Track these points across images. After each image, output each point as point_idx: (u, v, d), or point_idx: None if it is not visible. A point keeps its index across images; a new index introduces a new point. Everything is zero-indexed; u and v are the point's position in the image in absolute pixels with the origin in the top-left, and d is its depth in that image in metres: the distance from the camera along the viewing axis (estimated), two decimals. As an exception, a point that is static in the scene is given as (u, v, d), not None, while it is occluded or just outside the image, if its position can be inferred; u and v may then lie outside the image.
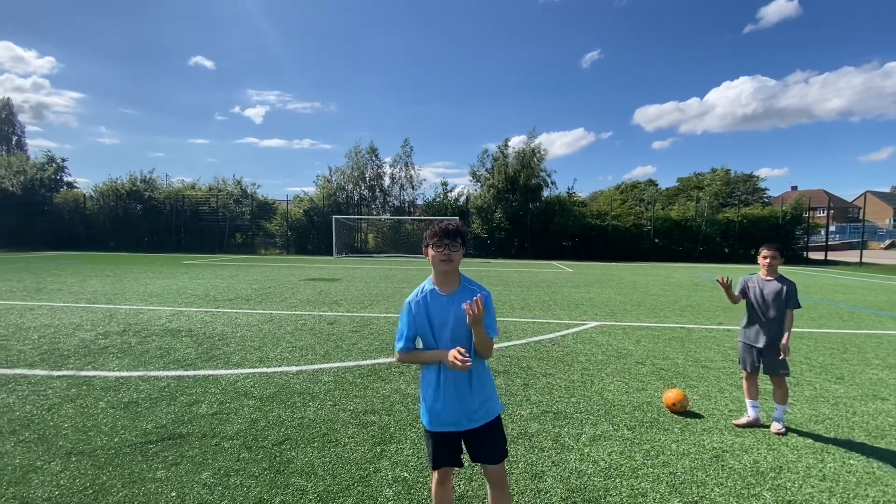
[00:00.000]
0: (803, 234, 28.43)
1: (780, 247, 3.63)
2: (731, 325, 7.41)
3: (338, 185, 32.00)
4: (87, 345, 5.46)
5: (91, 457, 2.83)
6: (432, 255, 1.91)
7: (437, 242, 1.89)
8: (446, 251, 1.89)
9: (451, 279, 1.97)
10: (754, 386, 3.59)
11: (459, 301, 1.90)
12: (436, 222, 1.99)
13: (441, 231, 1.89)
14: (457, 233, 1.90)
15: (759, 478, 2.75)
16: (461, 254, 1.93)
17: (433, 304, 1.95)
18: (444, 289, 1.95)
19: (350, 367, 4.75)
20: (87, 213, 30.85)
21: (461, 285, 1.97)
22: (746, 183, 41.97)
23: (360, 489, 2.54)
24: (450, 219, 2.07)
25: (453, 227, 1.91)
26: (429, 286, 1.99)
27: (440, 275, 1.96)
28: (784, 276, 3.55)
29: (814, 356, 5.50)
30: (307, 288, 11.27)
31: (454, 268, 1.94)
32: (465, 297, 1.91)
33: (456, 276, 1.97)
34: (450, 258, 1.89)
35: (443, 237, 1.88)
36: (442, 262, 1.90)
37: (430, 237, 1.92)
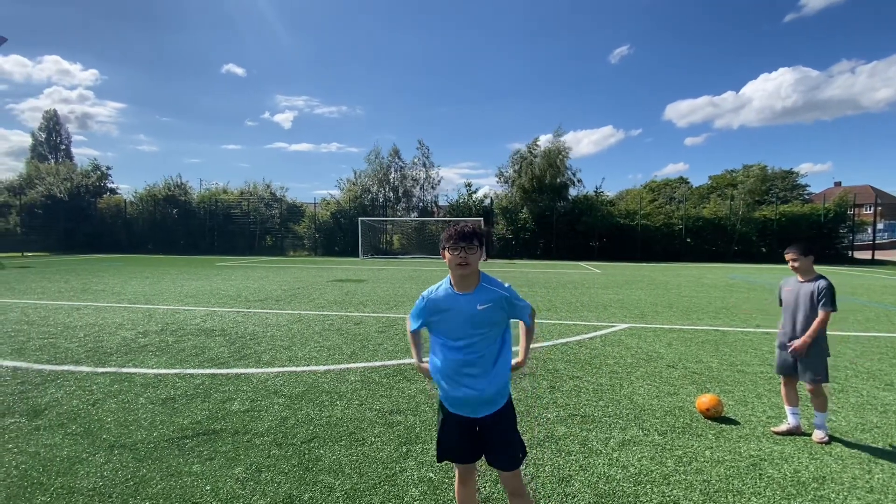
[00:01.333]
0: (848, 233, 27.02)
1: (802, 245, 3.32)
2: (768, 327, 7.11)
3: (363, 187, 32.45)
4: (129, 343, 5.72)
5: (132, 450, 2.96)
6: (449, 258, 1.89)
7: (452, 245, 1.87)
8: (462, 254, 1.85)
9: (469, 281, 1.93)
10: (792, 391, 3.40)
11: (476, 301, 1.89)
12: (452, 224, 1.96)
13: (457, 233, 1.86)
14: (473, 234, 1.87)
15: (800, 488, 2.62)
16: (479, 255, 1.90)
17: (446, 302, 1.93)
18: (462, 289, 1.94)
19: (376, 367, 4.81)
20: (127, 218, 32.38)
21: (479, 285, 1.94)
22: (785, 179, 40.19)
23: (387, 488, 2.56)
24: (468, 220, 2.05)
25: (469, 228, 1.88)
26: (445, 284, 1.98)
27: (457, 277, 1.93)
28: (822, 276, 3.29)
29: (860, 361, 5.21)
30: (334, 289, 11.47)
31: (471, 271, 1.90)
32: (483, 297, 1.91)
33: (474, 277, 1.94)
34: (466, 261, 1.86)
35: (458, 239, 1.86)
36: (458, 266, 1.87)
37: (446, 239, 1.90)
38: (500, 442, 1.95)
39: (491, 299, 1.91)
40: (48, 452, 2.91)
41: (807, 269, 3.33)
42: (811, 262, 3.34)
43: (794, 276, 3.45)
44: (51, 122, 50.23)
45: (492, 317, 1.91)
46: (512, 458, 1.96)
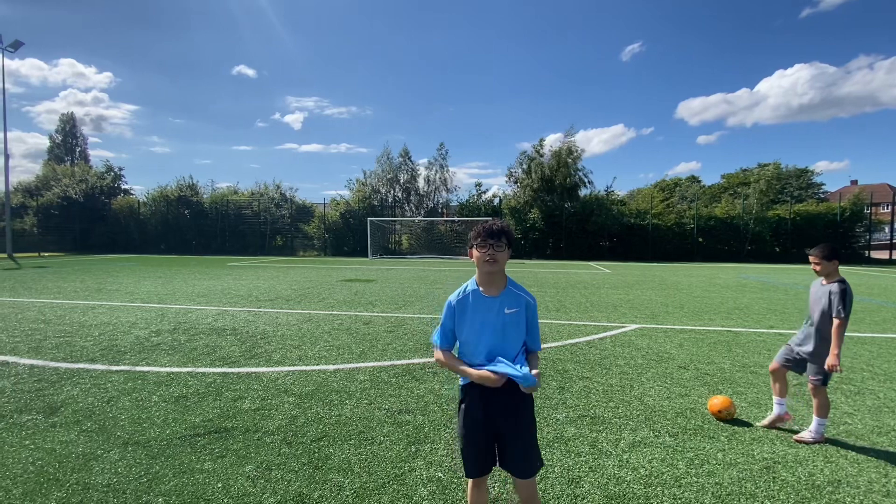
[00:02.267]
0: (864, 232, 26.49)
1: (823, 249, 3.23)
2: (782, 328, 7.00)
3: (372, 188, 32.59)
4: (142, 342, 5.81)
5: (145, 447, 3.00)
6: (476, 256, 1.87)
7: (481, 242, 1.85)
8: (490, 251, 1.84)
9: (496, 280, 1.91)
10: (779, 382, 3.42)
11: (504, 304, 1.88)
12: (480, 222, 1.94)
13: (485, 231, 1.85)
14: (501, 232, 1.85)
15: (815, 492, 2.58)
16: (507, 254, 1.88)
17: (476, 305, 1.91)
18: (489, 290, 1.91)
19: (385, 367, 4.82)
20: (140, 218, 32.88)
21: (506, 288, 1.92)
22: (800, 178, 39.54)
23: (396, 487, 2.57)
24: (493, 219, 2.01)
25: (498, 226, 1.86)
26: (472, 286, 1.95)
27: (484, 276, 1.91)
28: (840, 280, 3.20)
29: (877, 363, 5.11)
30: (344, 289, 11.53)
31: (499, 269, 1.88)
32: (510, 301, 1.90)
33: (501, 277, 1.92)
34: (494, 258, 1.84)
35: (487, 237, 1.84)
36: (486, 263, 1.85)
37: (475, 237, 1.88)
38: (520, 449, 1.92)
39: (518, 304, 1.90)
40: (64, 449, 2.97)
41: (830, 273, 3.26)
42: (835, 266, 3.24)
43: (821, 278, 3.37)
44: (67, 125, 51.18)
45: (517, 322, 1.90)
46: (531, 466, 1.93)
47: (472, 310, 1.91)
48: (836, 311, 3.10)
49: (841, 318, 3.09)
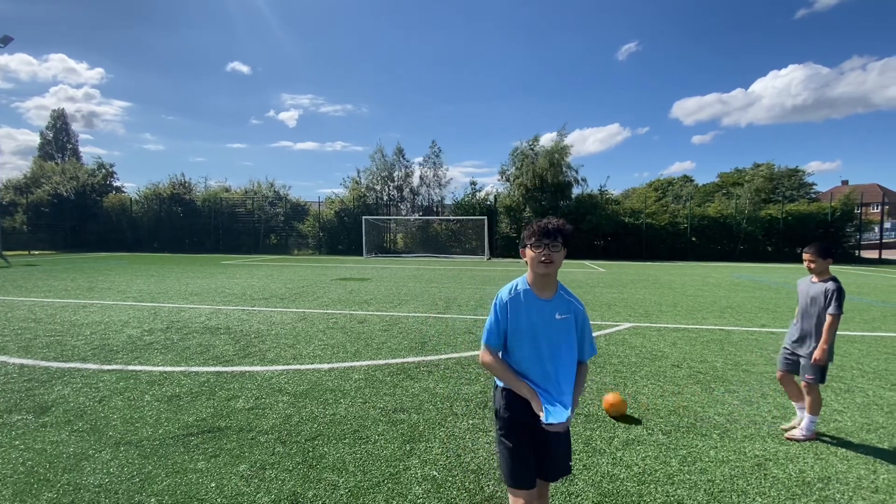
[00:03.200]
0: (854, 232, 26.78)
1: (818, 246, 3.29)
2: (774, 327, 7.07)
3: (367, 186, 32.50)
4: (134, 341, 5.76)
5: (138, 447, 2.98)
6: (531, 256, 1.77)
7: (536, 242, 1.76)
8: (547, 251, 1.74)
9: (550, 283, 1.82)
10: (791, 387, 3.42)
11: (556, 309, 1.79)
12: (534, 220, 1.84)
13: (540, 230, 1.75)
14: (558, 231, 1.75)
15: (805, 488, 2.61)
16: (563, 255, 1.78)
17: (529, 306, 1.80)
18: (541, 293, 1.81)
19: (380, 366, 4.82)
20: (132, 216, 32.56)
21: (558, 292, 1.83)
22: (791, 178, 39.86)
23: (390, 486, 2.57)
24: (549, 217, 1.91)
25: (553, 225, 1.76)
26: (523, 286, 1.84)
27: (538, 277, 1.81)
28: (834, 278, 3.26)
29: (866, 361, 5.17)
30: (338, 287, 11.50)
31: (555, 269, 1.79)
32: (562, 306, 1.81)
33: (554, 281, 1.83)
34: (550, 259, 1.75)
35: (542, 236, 1.74)
36: (542, 264, 1.75)
37: (529, 237, 1.79)
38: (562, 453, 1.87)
39: (570, 311, 1.82)
40: (55, 449, 2.94)
41: (822, 271, 3.30)
42: (828, 264, 3.30)
43: (810, 276, 3.41)
44: (58, 122, 50.61)
45: (568, 329, 1.81)
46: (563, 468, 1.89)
47: (525, 311, 1.80)
48: (831, 307, 3.14)
49: (834, 315, 3.13)
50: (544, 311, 1.79)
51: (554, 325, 1.78)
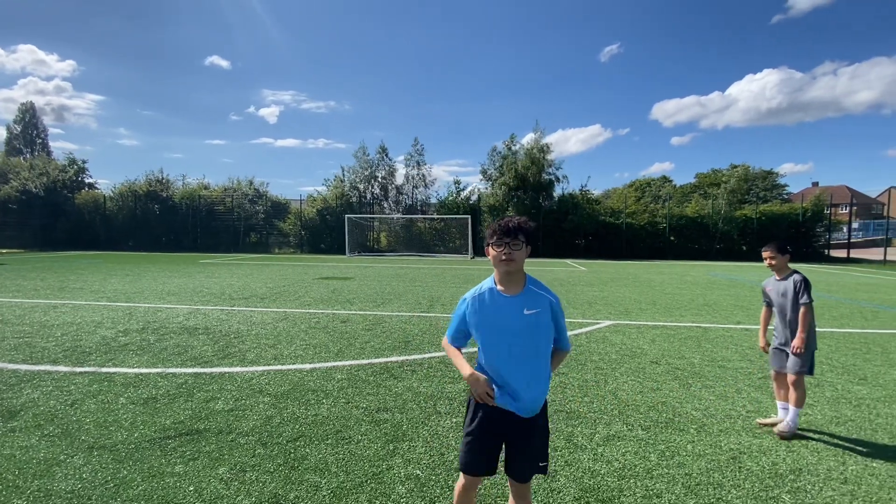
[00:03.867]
0: (824, 232, 27.75)
1: (776, 244, 3.43)
2: (749, 324, 7.28)
3: (350, 184, 32.21)
4: (108, 342, 5.59)
5: (112, 451, 2.90)
6: (493, 255, 1.80)
7: (497, 240, 1.78)
8: (507, 249, 1.76)
9: (515, 280, 1.84)
10: (783, 387, 3.47)
11: (523, 305, 1.81)
12: (497, 219, 1.87)
13: (501, 228, 1.78)
14: (518, 229, 1.77)
15: (778, 480, 2.70)
16: (525, 253, 1.80)
17: (493, 304, 1.84)
18: (507, 289, 1.84)
19: (363, 365, 4.79)
20: (106, 214, 31.60)
21: (526, 286, 1.84)
22: (765, 179, 41.10)
23: (374, 486, 2.56)
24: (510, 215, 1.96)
25: (514, 223, 1.79)
26: (489, 284, 1.88)
27: (502, 275, 1.84)
28: (796, 272, 3.40)
29: (835, 356, 5.37)
30: (320, 286, 11.38)
31: (517, 268, 1.81)
32: (530, 300, 1.82)
33: (520, 276, 1.85)
34: (511, 257, 1.77)
35: (503, 234, 1.77)
36: (503, 262, 1.78)
37: (490, 235, 1.81)
38: (529, 455, 1.87)
39: (539, 304, 1.82)
40: (24, 455, 2.83)
41: (782, 267, 3.45)
42: (787, 260, 3.44)
43: (773, 276, 3.54)
44: (27, 115, 48.66)
45: (539, 323, 1.82)
46: (534, 471, 1.89)
47: (491, 310, 1.83)
48: (803, 298, 3.26)
49: (807, 305, 3.25)
50: (511, 308, 1.81)
51: (522, 320, 1.80)
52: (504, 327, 1.81)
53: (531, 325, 1.81)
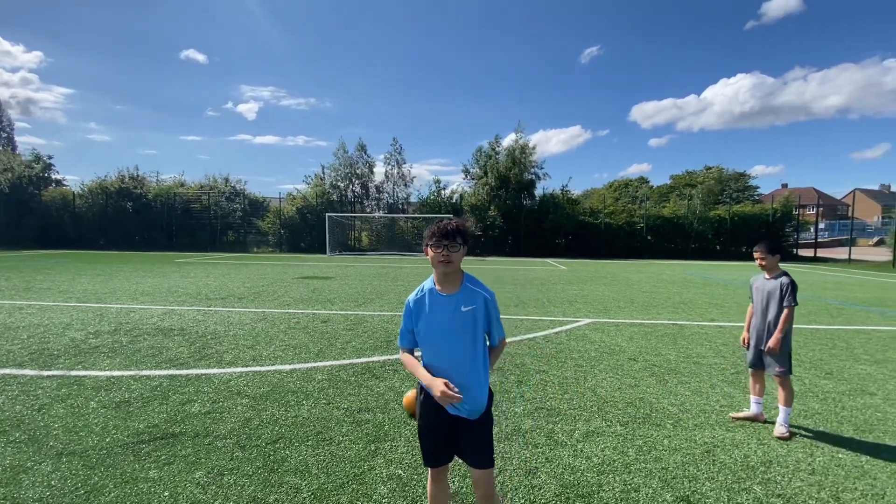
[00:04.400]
0: (793, 232, 28.77)
1: (767, 244, 3.50)
2: (722, 321, 7.49)
3: (331, 182, 31.84)
4: (78, 344, 5.40)
5: (82, 457, 2.80)
6: (431, 256, 1.87)
7: (435, 242, 1.85)
8: (445, 251, 1.83)
9: (453, 279, 1.92)
10: (758, 382, 3.57)
11: (460, 302, 1.88)
12: (436, 221, 1.94)
13: (440, 231, 1.84)
14: (456, 232, 1.85)
15: (750, 472, 2.79)
16: (462, 254, 1.88)
17: (433, 304, 1.91)
18: (445, 289, 1.91)
19: (344, 366, 4.75)
20: (76, 211, 30.47)
21: (463, 285, 1.92)
22: (738, 181, 42.36)
23: (355, 487, 2.54)
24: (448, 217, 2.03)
25: (453, 226, 1.86)
26: (429, 285, 1.95)
27: (440, 275, 1.92)
28: (785, 273, 3.47)
29: (803, 352, 5.57)
30: (300, 286, 11.23)
31: (454, 268, 1.89)
32: (467, 298, 1.90)
33: (458, 276, 1.93)
34: (449, 258, 1.84)
35: (441, 237, 1.83)
36: (441, 263, 1.85)
37: (430, 237, 1.88)
38: (477, 440, 1.94)
39: (475, 301, 1.90)
40: (-13, 462, 2.71)
41: (772, 267, 3.50)
42: (777, 260, 3.50)
43: (762, 274, 3.59)
44: (-12, 108, 46.47)
45: (475, 320, 1.90)
46: (487, 457, 1.94)
47: (430, 309, 1.91)
48: (787, 300, 3.33)
49: (790, 307, 3.34)
50: (449, 306, 1.89)
51: (459, 317, 1.87)
52: (443, 325, 1.89)
53: (468, 322, 1.88)
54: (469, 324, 1.89)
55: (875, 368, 4.97)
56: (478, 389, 1.90)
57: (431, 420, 1.95)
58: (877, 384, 4.46)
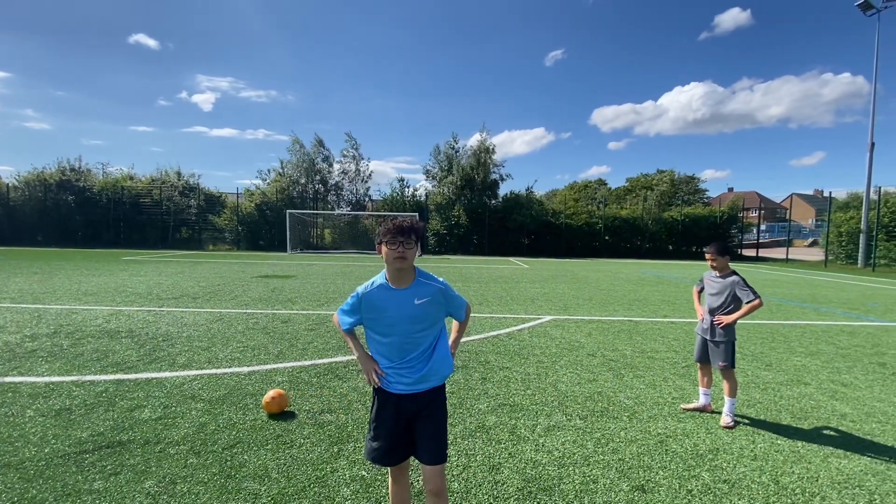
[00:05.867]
0: (738, 233, 30.62)
1: (717, 246, 3.68)
2: (675, 317, 7.86)
3: (291, 178, 30.94)
4: (12, 348, 5.00)
5: (18, 469, 2.60)
6: (386, 253, 1.89)
7: (390, 240, 1.87)
8: (400, 248, 1.86)
9: (405, 275, 1.95)
10: (706, 375, 3.76)
11: (413, 296, 1.93)
12: (389, 219, 1.97)
13: (395, 228, 1.87)
14: (411, 230, 1.88)
15: (699, 460, 2.95)
16: (415, 251, 1.92)
17: (382, 298, 1.94)
18: (398, 284, 1.95)
19: (305, 367, 4.64)
20: (10, 205, 28.15)
21: (416, 279, 1.96)
22: (689, 184, 44.60)
23: (317, 490, 2.49)
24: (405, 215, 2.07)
25: (407, 224, 1.89)
26: (380, 280, 1.98)
27: (393, 271, 1.94)
28: (735, 272, 3.66)
29: (746, 346, 5.94)
30: (259, 285, 10.87)
31: (408, 265, 1.92)
32: (420, 292, 1.94)
33: (410, 272, 1.96)
34: (403, 255, 1.87)
35: (396, 234, 1.86)
36: (396, 260, 1.87)
37: (384, 234, 1.90)
38: (431, 433, 1.97)
39: (428, 293, 1.95)
40: None
41: (723, 267, 3.70)
42: (727, 260, 3.70)
43: (713, 272, 3.78)
44: None
45: (429, 311, 1.95)
46: (440, 452, 1.97)
47: (383, 304, 1.94)
48: (749, 296, 3.49)
49: (759, 299, 3.49)
50: (402, 300, 1.93)
51: (415, 310, 1.92)
52: (396, 318, 1.93)
53: (423, 314, 1.94)
54: (424, 315, 1.94)
55: (809, 360, 5.37)
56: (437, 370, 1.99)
57: (389, 420, 1.98)
58: (811, 374, 4.82)
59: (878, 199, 21.63)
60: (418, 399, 1.97)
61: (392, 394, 1.98)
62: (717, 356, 3.61)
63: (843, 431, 3.45)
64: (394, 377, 1.96)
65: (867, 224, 21.59)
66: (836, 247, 23.84)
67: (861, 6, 22.33)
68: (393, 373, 1.96)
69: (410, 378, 1.95)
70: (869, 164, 22.06)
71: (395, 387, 1.97)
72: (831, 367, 5.13)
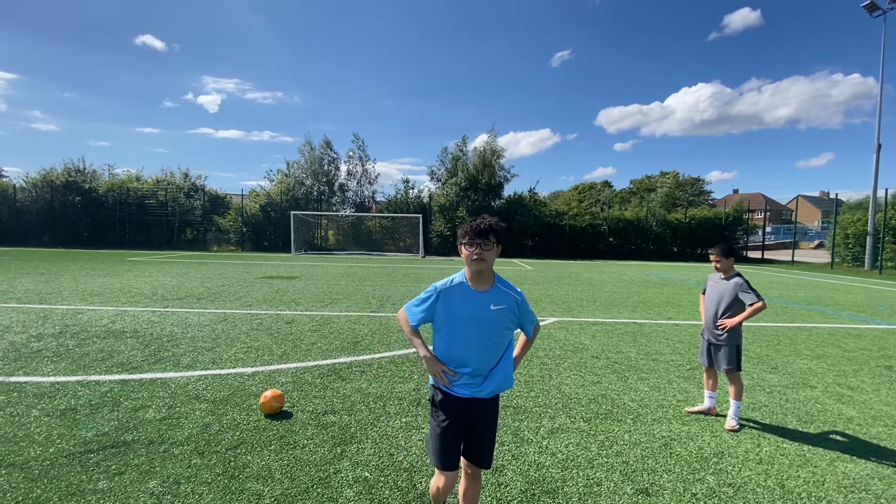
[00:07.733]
0: (743, 235, 30.43)
1: (722, 247, 3.65)
2: (679, 319, 7.82)
3: (296, 179, 31.04)
4: (18, 348, 5.04)
5: (23, 469, 2.62)
6: (465, 254, 1.88)
7: (469, 241, 1.86)
8: (478, 250, 1.84)
9: (485, 278, 1.93)
10: (711, 378, 3.74)
11: (490, 300, 1.91)
12: (469, 219, 1.95)
13: (473, 229, 1.85)
14: (490, 230, 1.85)
15: (704, 463, 2.93)
16: (495, 252, 1.89)
17: (461, 298, 1.92)
18: (477, 286, 1.93)
19: (309, 368, 4.65)
20: (17, 206, 28.40)
21: (495, 285, 1.94)
22: (693, 186, 44.44)
23: (320, 491, 2.49)
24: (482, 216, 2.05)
25: (486, 224, 1.86)
26: (460, 278, 1.96)
27: (473, 273, 1.92)
28: (739, 274, 3.63)
29: (751, 348, 5.90)
30: (264, 286, 10.90)
31: (487, 267, 1.90)
32: (498, 297, 1.93)
33: (490, 275, 1.94)
34: (482, 257, 1.85)
35: (475, 235, 1.84)
36: (474, 262, 1.86)
37: (462, 235, 1.89)
38: (486, 440, 1.98)
39: (505, 301, 1.93)
40: (-89, 478, 2.49)
41: (727, 269, 3.67)
42: (732, 262, 3.67)
43: (718, 274, 3.75)
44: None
45: (502, 319, 1.93)
46: (490, 455, 2.00)
47: (460, 303, 1.91)
48: (752, 298, 3.46)
49: (763, 301, 3.46)
50: (480, 302, 1.91)
51: (490, 314, 1.90)
52: (472, 320, 1.90)
53: (497, 319, 1.92)
54: (497, 321, 1.92)
55: (815, 363, 5.33)
56: (497, 375, 1.97)
57: (456, 423, 1.96)
58: (817, 378, 4.78)
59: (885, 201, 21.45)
60: (481, 405, 1.96)
61: (456, 397, 1.95)
62: (722, 359, 3.59)
63: (849, 435, 3.42)
64: (461, 381, 1.94)
65: (874, 226, 21.41)
66: (842, 249, 23.63)
67: (867, 7, 22.17)
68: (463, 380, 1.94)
69: (475, 383, 1.93)
70: (875, 166, 21.90)
71: (460, 391, 1.94)
72: (837, 370, 5.08)
